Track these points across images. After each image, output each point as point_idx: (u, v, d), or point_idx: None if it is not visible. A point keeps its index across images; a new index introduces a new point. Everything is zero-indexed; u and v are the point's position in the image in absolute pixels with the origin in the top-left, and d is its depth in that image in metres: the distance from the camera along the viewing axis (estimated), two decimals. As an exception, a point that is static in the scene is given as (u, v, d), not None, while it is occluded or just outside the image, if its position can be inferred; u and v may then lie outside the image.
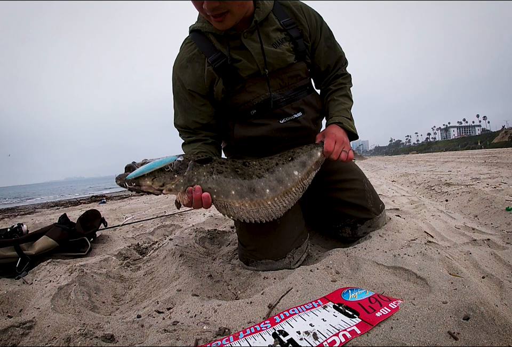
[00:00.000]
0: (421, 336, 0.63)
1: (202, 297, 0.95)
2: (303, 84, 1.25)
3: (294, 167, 1.05)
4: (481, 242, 1.19)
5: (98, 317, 0.91)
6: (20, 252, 1.43)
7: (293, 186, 1.03)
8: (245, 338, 0.69)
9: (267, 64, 1.13)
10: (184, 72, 1.18)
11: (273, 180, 1.01)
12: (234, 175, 0.98)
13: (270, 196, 0.99)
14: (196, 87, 1.17)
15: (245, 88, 1.16)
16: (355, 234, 1.30)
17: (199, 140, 1.23)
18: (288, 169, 1.04)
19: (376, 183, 3.86)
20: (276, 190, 1.00)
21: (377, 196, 1.37)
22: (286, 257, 1.11)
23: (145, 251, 1.64)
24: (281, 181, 1.02)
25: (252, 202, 0.97)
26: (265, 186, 0.99)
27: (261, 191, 0.98)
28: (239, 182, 0.97)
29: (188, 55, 1.17)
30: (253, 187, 0.98)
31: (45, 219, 3.38)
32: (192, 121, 1.22)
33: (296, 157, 1.07)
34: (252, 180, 0.99)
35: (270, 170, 1.02)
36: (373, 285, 0.88)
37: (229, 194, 0.96)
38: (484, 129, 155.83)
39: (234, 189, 0.96)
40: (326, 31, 1.26)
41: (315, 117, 1.31)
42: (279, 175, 1.02)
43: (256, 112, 1.20)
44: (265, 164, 1.03)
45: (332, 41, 1.28)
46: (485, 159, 6.51)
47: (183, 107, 1.23)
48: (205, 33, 1.15)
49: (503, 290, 0.80)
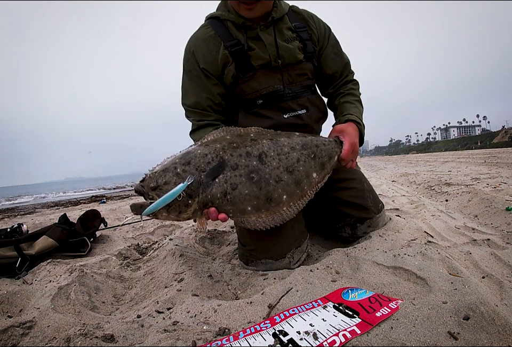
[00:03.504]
0: (421, 336, 0.63)
1: (202, 297, 0.95)
2: (309, 84, 1.29)
3: (314, 168, 1.00)
4: (481, 242, 1.19)
5: (98, 317, 0.91)
6: (20, 252, 1.43)
7: (309, 189, 0.99)
8: (245, 338, 0.69)
9: (280, 56, 1.18)
10: (199, 51, 1.20)
11: (291, 183, 0.94)
12: (249, 186, 0.90)
13: (286, 202, 0.94)
14: (210, 67, 1.19)
15: (255, 77, 1.19)
16: (355, 233, 1.30)
17: (210, 125, 1.21)
18: (308, 170, 0.98)
19: (376, 183, 3.86)
20: (292, 195, 0.95)
21: (376, 196, 1.37)
22: (286, 257, 1.11)
23: (145, 251, 1.63)
24: (299, 184, 0.96)
25: (268, 212, 0.93)
26: (282, 193, 0.93)
27: (277, 199, 0.93)
28: (255, 195, 0.90)
29: (204, 36, 1.20)
30: (270, 196, 0.92)
31: (45, 219, 3.38)
32: (205, 98, 1.21)
33: (318, 156, 1.01)
34: (268, 188, 0.91)
35: (289, 169, 0.94)
36: (373, 285, 0.88)
37: (245, 211, 0.91)
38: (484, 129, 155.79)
39: (250, 205, 0.91)
40: (333, 40, 1.34)
41: (318, 117, 1.33)
42: (298, 177, 0.96)
43: (262, 103, 1.22)
44: (285, 158, 0.95)
45: (338, 49, 1.35)
46: (485, 159, 6.51)
47: (196, 84, 1.22)
48: (223, 21, 1.20)
49: (503, 290, 0.80)
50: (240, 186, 0.89)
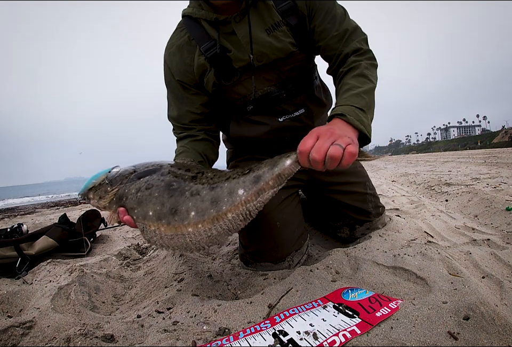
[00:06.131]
0: (421, 336, 0.63)
1: (202, 297, 0.95)
2: (307, 76, 1.12)
3: (243, 183, 0.76)
4: (481, 242, 1.19)
5: (98, 317, 0.91)
6: (20, 252, 1.43)
7: (229, 210, 0.75)
8: (245, 338, 0.69)
9: (261, 54, 1.00)
10: (173, 61, 1.09)
11: (207, 200, 0.76)
12: (162, 191, 0.80)
13: (193, 222, 0.76)
14: (184, 77, 1.08)
15: (241, 81, 1.05)
16: (353, 234, 1.29)
17: (188, 136, 1.12)
18: (234, 186, 0.76)
19: (376, 183, 3.86)
20: (203, 214, 0.76)
21: (378, 199, 1.34)
22: (286, 260, 1.11)
23: (145, 251, 1.64)
24: (215, 202, 0.76)
25: (168, 226, 0.77)
26: (192, 207, 0.76)
27: (183, 213, 0.76)
28: (161, 201, 0.79)
29: (177, 42, 1.08)
30: (176, 207, 0.77)
31: (45, 219, 3.38)
32: (186, 111, 1.12)
33: (254, 170, 0.78)
34: (178, 198, 0.78)
35: (213, 185, 0.78)
36: (373, 285, 0.88)
37: (146, 214, 0.79)
38: (484, 129, 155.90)
39: (153, 209, 0.79)
40: (326, 3, 1.01)
41: (320, 112, 1.19)
42: (218, 193, 0.77)
43: (252, 109, 1.10)
44: (218, 177, 0.81)
45: (332, 14, 1.01)
46: (485, 159, 6.51)
47: (176, 96, 1.13)
48: (197, 19, 1.04)
49: (503, 290, 0.80)
50: (155, 187, 0.82)
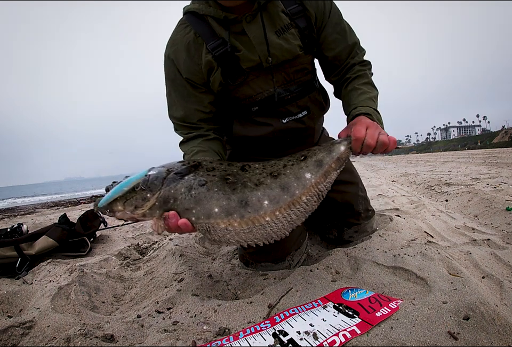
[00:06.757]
0: (421, 336, 0.63)
1: (202, 297, 0.95)
2: (309, 78, 1.14)
3: (307, 168, 0.79)
4: (481, 242, 1.19)
5: (98, 317, 0.91)
6: (20, 252, 1.43)
7: (303, 193, 0.77)
8: (245, 338, 0.69)
9: (270, 55, 1.01)
10: (179, 58, 1.05)
11: (275, 187, 0.76)
12: (221, 186, 0.75)
13: (269, 210, 0.74)
14: (194, 76, 1.05)
15: (247, 81, 1.05)
16: (341, 237, 1.28)
17: (200, 136, 1.08)
18: (298, 171, 0.79)
19: (376, 183, 3.86)
20: (278, 201, 0.75)
21: (369, 202, 1.33)
22: (286, 260, 1.11)
23: (145, 251, 1.64)
24: (286, 188, 0.76)
25: (242, 219, 0.73)
26: (263, 196, 0.74)
27: (256, 204, 0.74)
28: (226, 195, 0.74)
29: (183, 39, 1.04)
30: (245, 199, 0.74)
31: (45, 219, 3.38)
32: (194, 110, 1.07)
33: (310, 156, 0.82)
34: (244, 190, 0.75)
35: (273, 174, 0.78)
36: (373, 285, 0.88)
37: (211, 212, 0.73)
38: (484, 129, 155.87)
39: (218, 205, 0.73)
40: (335, 16, 1.09)
41: (320, 113, 1.22)
42: (284, 180, 0.77)
43: (258, 109, 1.10)
44: (270, 166, 0.81)
45: (341, 27, 1.10)
46: (485, 159, 6.51)
47: (181, 95, 1.08)
48: (203, 16, 1.01)
49: (503, 290, 0.80)
50: (209, 183, 0.75)
